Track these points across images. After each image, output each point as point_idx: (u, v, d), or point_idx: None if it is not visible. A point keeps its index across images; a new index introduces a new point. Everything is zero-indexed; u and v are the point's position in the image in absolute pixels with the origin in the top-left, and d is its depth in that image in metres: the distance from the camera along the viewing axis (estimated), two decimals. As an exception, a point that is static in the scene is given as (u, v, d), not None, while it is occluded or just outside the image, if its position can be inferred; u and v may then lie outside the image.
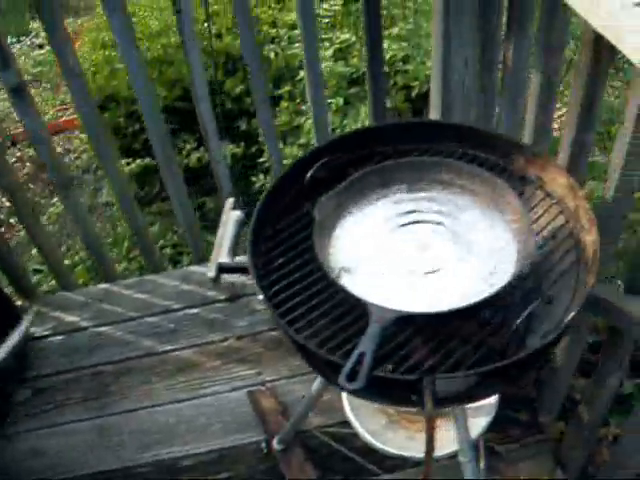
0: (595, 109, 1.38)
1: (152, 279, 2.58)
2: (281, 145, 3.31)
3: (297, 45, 3.55)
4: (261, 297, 1.17)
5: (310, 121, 3.31)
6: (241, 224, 1.33)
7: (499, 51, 1.80)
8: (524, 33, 1.64)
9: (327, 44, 3.35)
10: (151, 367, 2.30)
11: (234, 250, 1.30)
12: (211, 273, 1.25)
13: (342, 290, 1.15)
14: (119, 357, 2.34)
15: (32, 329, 2.46)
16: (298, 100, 3.37)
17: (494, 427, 1.78)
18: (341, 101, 3.15)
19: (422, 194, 1.35)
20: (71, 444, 2.13)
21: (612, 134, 2.43)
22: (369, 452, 1.80)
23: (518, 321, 1.12)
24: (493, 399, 1.71)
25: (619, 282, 1.47)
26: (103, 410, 2.20)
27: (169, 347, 2.33)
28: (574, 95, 1.39)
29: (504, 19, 1.71)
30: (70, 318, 2.49)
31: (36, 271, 3.24)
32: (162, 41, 3.65)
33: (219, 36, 3.65)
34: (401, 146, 1.46)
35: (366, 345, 1.03)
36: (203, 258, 2.59)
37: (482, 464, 1.77)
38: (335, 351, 1.11)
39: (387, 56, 3.08)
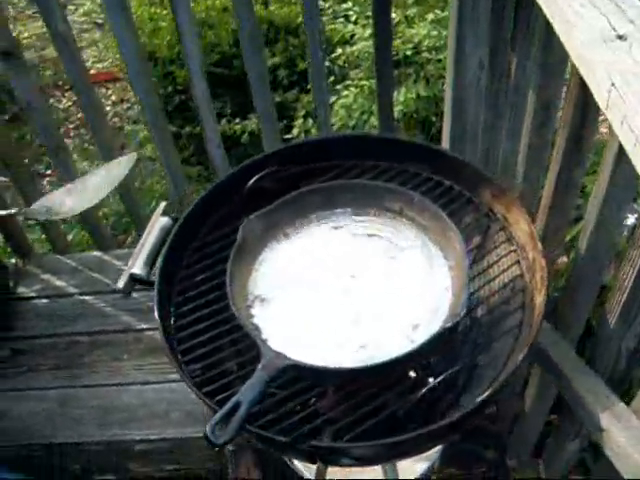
0: (585, 145, 1.21)
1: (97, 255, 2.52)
2: (310, 123, 3.18)
3: (340, 20, 3.38)
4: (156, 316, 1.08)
5: (341, 101, 3.17)
6: (167, 231, 1.23)
7: (507, 57, 1.62)
8: (528, 42, 1.45)
9: (368, 21, 3.16)
10: (125, 343, 2.25)
11: (154, 260, 1.20)
12: (121, 284, 1.15)
13: (240, 324, 1.03)
14: (97, 328, 2.30)
15: (20, 289, 2.44)
16: (332, 78, 3.21)
17: (458, 461, 1.66)
18: (374, 84, 2.98)
19: (366, 222, 1.21)
20: (34, 411, 2.10)
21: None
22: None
23: (428, 386, 0.98)
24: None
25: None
26: (72, 381, 2.17)
27: (145, 325, 2.27)
28: (562, 126, 1.22)
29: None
30: (58, 282, 2.46)
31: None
32: (208, 3, 3.55)
33: (265, 4, 3.52)
34: (361, 161, 1.32)
35: (245, 394, 0.92)
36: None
37: (432, 504, 1.65)
38: (218, 393, 1.00)
39: (425, 42, 2.89)
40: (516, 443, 1.77)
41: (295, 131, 3.17)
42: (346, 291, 1.11)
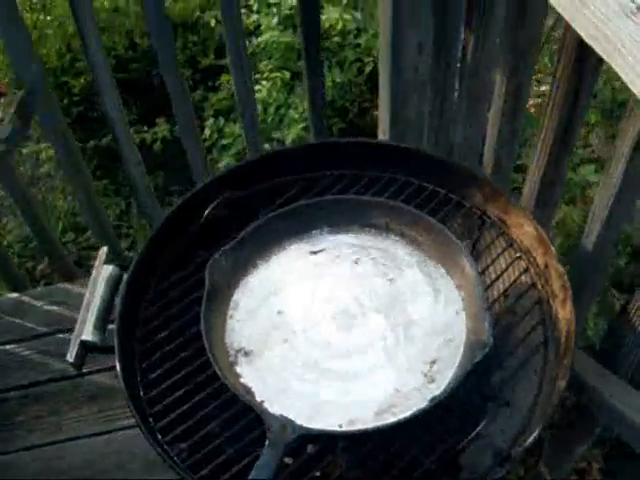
0: (574, 133, 1.09)
1: (64, 287, 2.26)
2: (222, 121, 2.97)
3: (243, 11, 3.17)
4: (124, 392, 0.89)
5: (257, 95, 2.97)
6: (116, 282, 1.02)
7: (459, 41, 1.49)
8: (491, 20, 1.32)
9: (274, 10, 2.98)
10: (62, 393, 2.00)
11: (105, 320, 1.00)
12: (70, 357, 0.95)
13: (233, 392, 0.86)
14: (25, 381, 2.04)
15: None
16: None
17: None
18: (288, 75, 2.81)
19: (349, 241, 1.05)
20: (-36, 489, 1.84)
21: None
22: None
23: (463, 443, 0.83)
24: None
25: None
26: (4, 446, 1.91)
27: (83, 370, 2.03)
28: (549, 113, 1.10)
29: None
30: (-31, 333, 2.17)
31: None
32: (95, 4, 3.26)
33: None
34: (329, 171, 1.15)
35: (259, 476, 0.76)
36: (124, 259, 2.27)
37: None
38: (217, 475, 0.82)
39: (339, 27, 2.73)
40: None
41: (207, 132, 2.96)
42: (343, 330, 0.95)
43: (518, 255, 1.03)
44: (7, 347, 2.15)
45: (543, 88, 2.62)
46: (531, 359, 0.93)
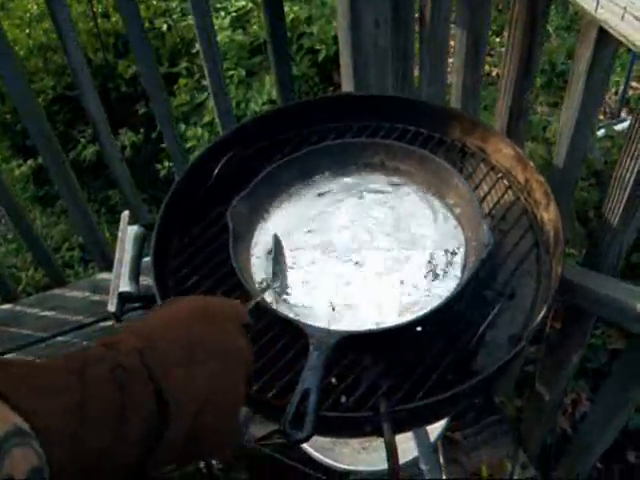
0: (533, 64, 1.22)
1: (58, 293, 2.30)
2: (183, 127, 3.05)
3: (191, 16, 3.27)
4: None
5: (214, 99, 3.06)
6: (141, 240, 1.11)
7: (414, 7, 1.62)
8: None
9: (223, 13, 3.09)
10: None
11: (137, 273, 1.08)
12: (112, 307, 1.03)
13: (270, 311, 0.95)
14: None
15: None
16: (197, 76, 3.11)
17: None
18: (243, 73, 2.91)
19: (350, 181, 1.16)
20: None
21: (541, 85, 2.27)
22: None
23: (482, 328, 0.95)
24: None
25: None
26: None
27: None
28: (508, 51, 1.23)
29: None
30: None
31: None
32: (44, 26, 3.30)
33: (106, 15, 3.33)
34: (318, 126, 1.26)
35: (309, 380, 0.84)
36: (111, 262, 2.32)
37: (441, 459, 1.63)
38: (267, 390, 0.91)
39: (288, 19, 2.85)
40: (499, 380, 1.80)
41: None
42: (357, 253, 1.05)
43: (500, 176, 1.16)
44: (7, 356, 2.18)
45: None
46: (526, 259, 1.05)
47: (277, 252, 1.04)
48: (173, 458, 0.59)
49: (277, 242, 1.06)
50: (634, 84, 3.05)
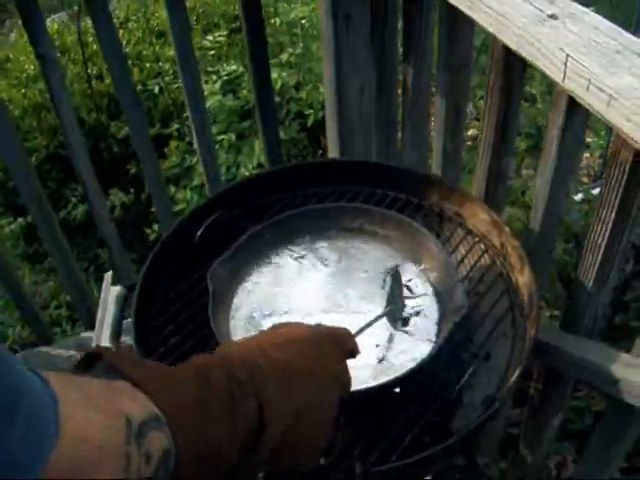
0: (511, 130, 1.26)
1: (44, 351, 2.29)
2: (173, 189, 3.09)
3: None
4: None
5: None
6: (123, 301, 1.13)
7: (397, 74, 1.68)
8: (423, 52, 1.51)
9: (214, 77, 3.17)
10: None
11: (118, 334, 1.09)
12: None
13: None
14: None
15: None
16: (188, 139, 3.17)
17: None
18: (233, 137, 2.97)
19: (328, 245, 1.18)
20: None
21: (526, 148, 2.34)
22: None
23: (456, 389, 0.96)
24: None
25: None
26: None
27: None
28: (486, 116, 1.27)
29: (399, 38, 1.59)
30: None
31: None
32: (39, 86, 3.38)
33: (100, 77, 3.42)
34: (301, 191, 1.30)
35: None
36: (98, 322, 2.32)
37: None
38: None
39: (277, 85, 2.93)
40: (483, 443, 1.79)
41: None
42: (332, 315, 1.07)
43: (476, 240, 1.19)
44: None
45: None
46: (502, 321, 1.07)
47: (394, 283, 1.07)
48: (268, 459, 0.65)
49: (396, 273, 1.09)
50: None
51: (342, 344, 0.76)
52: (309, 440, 0.68)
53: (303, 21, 2.97)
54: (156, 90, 3.23)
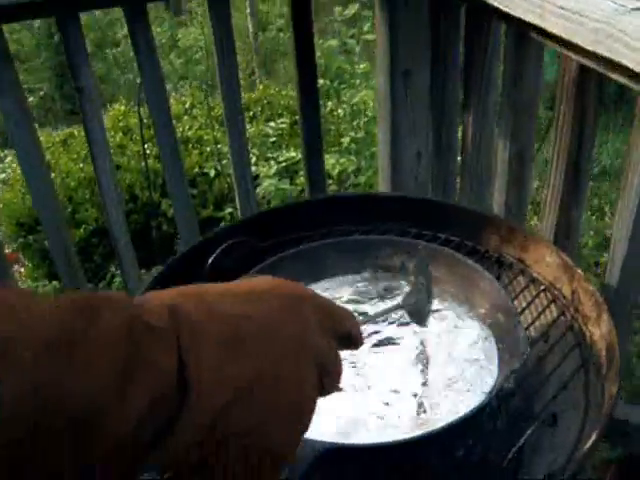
0: (584, 172, 1.08)
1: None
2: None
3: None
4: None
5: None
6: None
7: (457, 137, 1.53)
8: (486, 105, 1.37)
9: (272, 162, 3.11)
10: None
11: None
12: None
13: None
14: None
15: None
16: (241, 222, 3.07)
17: None
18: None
19: (363, 286, 1.00)
20: None
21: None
22: None
23: (510, 455, 0.73)
24: None
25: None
26: None
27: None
28: (554, 157, 1.10)
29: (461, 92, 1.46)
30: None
31: None
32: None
33: (158, 157, 3.41)
34: (336, 228, 1.13)
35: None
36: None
37: None
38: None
39: (335, 171, 2.83)
40: None
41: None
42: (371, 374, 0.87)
43: (542, 289, 0.98)
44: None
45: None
46: (571, 381, 0.85)
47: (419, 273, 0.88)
48: (184, 459, 0.43)
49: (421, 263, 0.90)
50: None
51: (335, 319, 0.54)
52: (261, 436, 0.45)
53: (368, 104, 2.89)
54: (212, 174, 3.18)
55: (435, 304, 0.93)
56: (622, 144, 3.32)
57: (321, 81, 2.81)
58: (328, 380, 0.51)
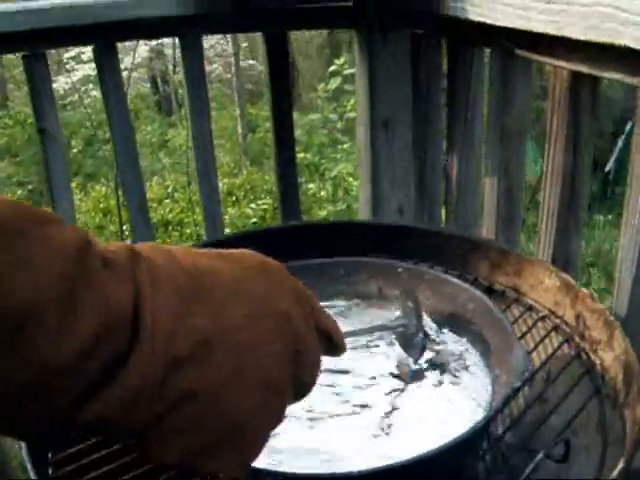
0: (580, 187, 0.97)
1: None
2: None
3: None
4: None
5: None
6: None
7: (441, 177, 1.44)
8: (471, 141, 1.27)
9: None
10: None
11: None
12: None
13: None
14: None
15: None
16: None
17: None
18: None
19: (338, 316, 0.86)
20: None
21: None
22: None
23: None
24: None
25: None
26: None
27: None
28: (548, 180, 0.99)
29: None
30: None
31: None
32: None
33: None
34: (308, 262, 1.00)
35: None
36: None
37: None
38: None
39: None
40: None
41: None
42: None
43: (540, 316, 0.85)
44: None
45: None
46: (582, 412, 0.70)
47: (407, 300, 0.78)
48: (129, 412, 0.36)
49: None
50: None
51: (315, 309, 0.48)
52: (221, 405, 0.39)
53: (348, 179, 2.83)
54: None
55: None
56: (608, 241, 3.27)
57: (301, 155, 2.76)
58: (302, 371, 0.45)
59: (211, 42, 7.03)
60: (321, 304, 0.51)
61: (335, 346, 0.50)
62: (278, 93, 1.47)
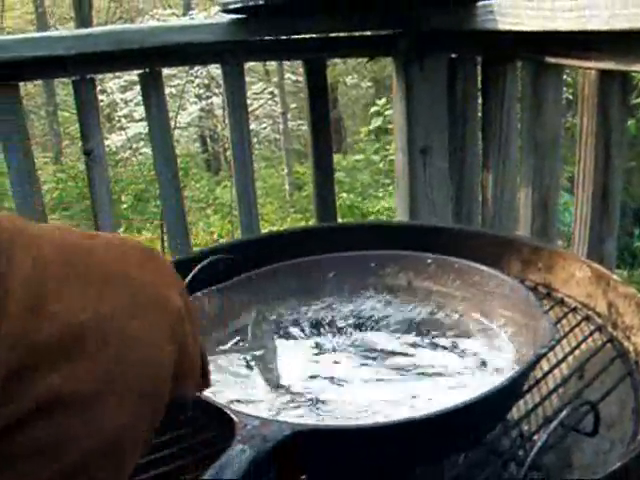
0: (612, 199, 0.96)
1: None
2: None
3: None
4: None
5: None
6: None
7: (478, 198, 1.43)
8: (507, 156, 1.28)
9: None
10: None
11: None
12: None
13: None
14: None
15: None
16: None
17: None
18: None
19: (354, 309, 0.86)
20: None
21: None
22: None
23: (533, 451, 0.56)
24: None
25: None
26: None
27: None
28: (580, 183, 0.99)
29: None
30: None
31: None
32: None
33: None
34: (338, 254, 1.00)
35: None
36: None
37: None
38: None
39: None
40: None
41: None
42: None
43: (571, 308, 0.83)
44: None
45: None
46: (614, 391, 0.68)
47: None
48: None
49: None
50: None
51: (195, 322, 0.42)
52: (90, 405, 0.31)
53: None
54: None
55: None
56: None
57: (344, 195, 2.79)
58: (186, 362, 0.39)
59: (260, 102, 7.23)
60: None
61: (205, 374, 0.44)
62: (316, 116, 1.51)
